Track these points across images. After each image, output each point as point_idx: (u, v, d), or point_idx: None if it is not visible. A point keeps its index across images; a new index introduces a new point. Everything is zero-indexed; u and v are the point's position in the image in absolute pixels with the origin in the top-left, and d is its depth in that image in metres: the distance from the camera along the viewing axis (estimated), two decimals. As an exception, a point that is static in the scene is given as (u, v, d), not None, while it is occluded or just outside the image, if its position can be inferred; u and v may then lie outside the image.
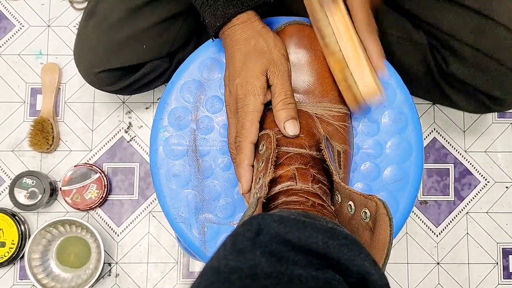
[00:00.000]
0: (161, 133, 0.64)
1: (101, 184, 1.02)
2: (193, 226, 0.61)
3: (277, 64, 0.56)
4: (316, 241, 0.33)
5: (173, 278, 1.04)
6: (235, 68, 0.57)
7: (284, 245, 0.33)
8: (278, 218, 0.34)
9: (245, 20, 0.57)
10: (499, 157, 1.08)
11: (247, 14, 0.57)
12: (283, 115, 0.54)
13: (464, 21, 0.69)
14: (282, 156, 0.52)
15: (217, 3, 0.56)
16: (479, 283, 1.04)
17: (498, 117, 1.09)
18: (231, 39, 0.58)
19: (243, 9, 0.57)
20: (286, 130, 0.54)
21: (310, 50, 0.59)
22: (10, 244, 1.00)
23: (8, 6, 1.12)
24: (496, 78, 0.70)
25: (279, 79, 0.55)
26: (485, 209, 1.07)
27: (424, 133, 1.08)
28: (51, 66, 1.08)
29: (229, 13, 0.56)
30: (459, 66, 0.72)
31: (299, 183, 0.49)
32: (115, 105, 1.08)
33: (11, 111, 1.08)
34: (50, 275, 1.00)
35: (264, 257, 0.32)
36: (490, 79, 0.71)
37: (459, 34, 0.69)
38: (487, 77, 0.71)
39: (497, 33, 0.67)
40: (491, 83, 0.71)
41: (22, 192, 1.01)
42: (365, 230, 0.44)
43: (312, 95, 0.58)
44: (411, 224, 1.06)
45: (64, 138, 1.08)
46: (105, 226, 1.05)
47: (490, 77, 0.70)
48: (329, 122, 0.57)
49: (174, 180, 0.62)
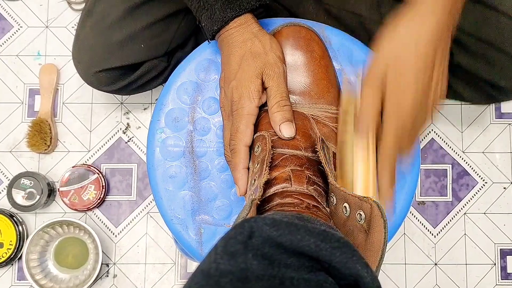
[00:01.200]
0: (158, 135, 0.64)
1: (99, 185, 1.02)
2: (189, 228, 0.61)
3: (273, 67, 0.56)
4: (308, 244, 0.33)
5: (171, 279, 1.04)
6: (230, 71, 0.57)
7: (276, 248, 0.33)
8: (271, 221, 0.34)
9: (242, 23, 0.57)
10: (497, 158, 1.08)
11: (244, 17, 0.57)
12: (278, 117, 0.54)
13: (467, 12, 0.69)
14: (277, 157, 0.52)
15: (214, 7, 0.56)
16: (477, 284, 1.04)
17: (496, 117, 1.09)
18: (227, 42, 0.58)
19: (241, 12, 0.56)
20: (282, 132, 0.54)
21: (306, 52, 0.59)
22: (8, 245, 1.00)
23: (6, 7, 1.12)
24: (500, 68, 0.70)
25: (274, 81, 0.55)
26: (483, 210, 1.07)
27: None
28: (49, 67, 1.08)
29: (227, 17, 0.56)
30: (464, 57, 0.71)
31: (294, 185, 0.49)
32: (113, 106, 1.09)
33: (9, 112, 1.08)
34: (48, 276, 1.00)
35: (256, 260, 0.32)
36: (495, 69, 0.70)
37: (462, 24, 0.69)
38: (491, 67, 0.70)
39: (500, 22, 0.67)
40: (496, 73, 0.71)
41: (20, 193, 1.01)
42: (360, 232, 0.44)
43: (308, 96, 0.58)
44: (409, 224, 1.06)
45: (62, 139, 1.08)
46: (103, 227, 1.05)
47: (495, 66, 0.70)
48: (325, 124, 0.57)
49: (170, 182, 0.63)
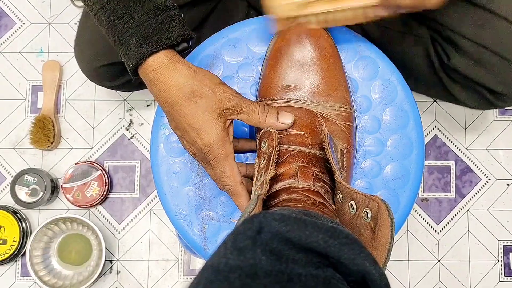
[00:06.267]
0: (162, 131, 0.64)
1: (102, 181, 1.02)
2: (193, 224, 0.61)
3: (229, 100, 0.52)
4: (316, 240, 0.33)
5: (174, 275, 1.04)
6: (182, 123, 0.52)
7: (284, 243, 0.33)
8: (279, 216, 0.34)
9: (165, 63, 0.50)
10: (500, 155, 1.08)
11: (165, 55, 0.50)
12: (272, 119, 0.53)
13: (465, 15, 0.69)
14: (284, 154, 0.52)
15: (130, 42, 0.49)
16: (480, 280, 1.04)
17: (499, 114, 1.09)
18: (159, 88, 0.51)
19: (158, 48, 0.49)
20: (283, 121, 0.53)
21: (316, 49, 0.58)
22: (12, 242, 1.00)
23: (9, 4, 1.12)
24: (498, 72, 0.70)
25: (244, 111, 0.53)
26: (486, 207, 1.07)
27: (425, 131, 1.08)
28: (52, 64, 1.08)
29: (142, 53, 0.49)
30: (461, 60, 0.71)
31: (300, 181, 0.49)
32: (116, 102, 1.08)
33: (12, 109, 1.08)
34: (52, 272, 1.01)
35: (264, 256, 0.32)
36: (492, 73, 0.70)
37: (460, 28, 0.69)
38: (489, 71, 0.70)
39: (498, 26, 0.67)
40: (493, 78, 0.71)
41: (24, 189, 1.02)
42: (366, 230, 0.44)
43: (317, 94, 0.58)
44: (412, 221, 1.06)
45: (65, 136, 1.08)
46: (106, 223, 1.05)
47: (492, 71, 0.70)
48: (333, 121, 0.57)
49: (175, 178, 0.63)
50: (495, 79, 0.70)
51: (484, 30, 0.68)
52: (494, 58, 0.68)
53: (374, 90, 0.64)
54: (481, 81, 0.71)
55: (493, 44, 0.68)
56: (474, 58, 0.70)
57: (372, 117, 0.63)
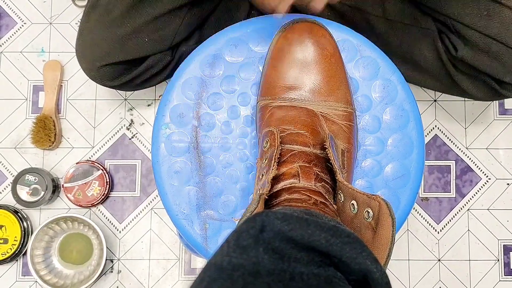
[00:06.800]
0: (163, 130, 0.64)
1: (103, 181, 1.02)
2: (194, 223, 0.62)
3: None
4: (319, 239, 0.33)
5: (175, 274, 1.05)
6: None
7: (287, 242, 0.33)
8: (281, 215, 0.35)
9: None
10: (501, 154, 1.08)
11: None
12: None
13: (471, 6, 0.69)
14: (285, 153, 0.52)
15: None
16: (480, 280, 1.05)
17: (499, 114, 1.09)
18: None
19: None
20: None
21: (317, 49, 0.58)
22: (13, 241, 1.00)
23: (9, 3, 1.12)
24: (505, 63, 0.70)
25: None
26: (486, 206, 1.07)
27: (425, 130, 1.08)
28: (53, 64, 1.08)
29: None
30: (468, 51, 0.71)
31: (302, 181, 0.49)
32: (117, 102, 1.09)
33: (13, 108, 1.09)
34: (53, 272, 1.01)
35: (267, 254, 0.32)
36: (500, 64, 0.70)
37: (466, 19, 0.69)
38: (496, 61, 0.70)
39: (504, 16, 0.67)
40: (500, 68, 0.70)
41: (25, 189, 1.02)
42: (368, 229, 0.44)
43: (318, 93, 0.58)
44: (412, 220, 1.06)
45: (66, 135, 1.08)
46: (107, 223, 1.06)
47: (500, 61, 0.70)
48: (334, 121, 0.57)
49: (175, 177, 0.63)
50: (502, 69, 0.70)
51: (491, 20, 0.67)
52: (501, 48, 0.68)
53: (374, 89, 0.64)
54: (488, 72, 0.71)
55: (499, 34, 0.68)
56: (482, 49, 0.70)
57: (373, 116, 0.63)
